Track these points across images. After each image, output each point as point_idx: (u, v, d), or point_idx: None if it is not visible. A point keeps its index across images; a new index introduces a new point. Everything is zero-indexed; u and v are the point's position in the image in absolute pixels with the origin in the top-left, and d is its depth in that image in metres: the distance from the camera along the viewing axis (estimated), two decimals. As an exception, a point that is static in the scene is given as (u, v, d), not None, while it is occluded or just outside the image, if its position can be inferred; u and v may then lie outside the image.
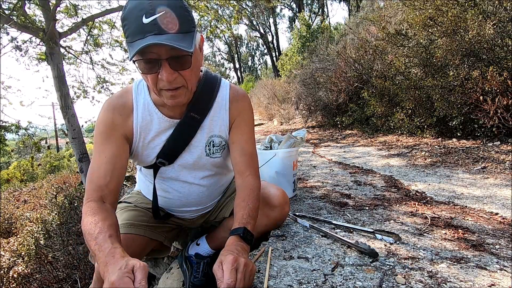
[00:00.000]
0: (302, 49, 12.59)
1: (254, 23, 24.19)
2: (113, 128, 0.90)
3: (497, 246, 1.25)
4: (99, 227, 0.74)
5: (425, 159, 3.08)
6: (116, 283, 0.58)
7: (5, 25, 3.82)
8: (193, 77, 0.82)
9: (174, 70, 0.76)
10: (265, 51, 30.48)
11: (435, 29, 3.70)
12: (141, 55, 0.73)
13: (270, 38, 25.26)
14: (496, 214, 1.62)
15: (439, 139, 3.76)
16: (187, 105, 0.93)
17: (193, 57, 0.78)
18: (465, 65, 3.36)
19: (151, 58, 0.73)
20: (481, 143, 3.23)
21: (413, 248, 1.24)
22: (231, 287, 0.67)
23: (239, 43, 32.65)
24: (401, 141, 4.16)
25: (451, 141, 3.57)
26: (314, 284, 1.00)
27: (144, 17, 0.70)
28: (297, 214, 1.75)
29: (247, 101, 1.03)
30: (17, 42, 4.42)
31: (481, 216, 1.60)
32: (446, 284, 0.97)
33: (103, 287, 0.61)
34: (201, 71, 0.99)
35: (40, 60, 4.87)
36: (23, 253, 2.64)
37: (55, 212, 3.35)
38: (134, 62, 0.75)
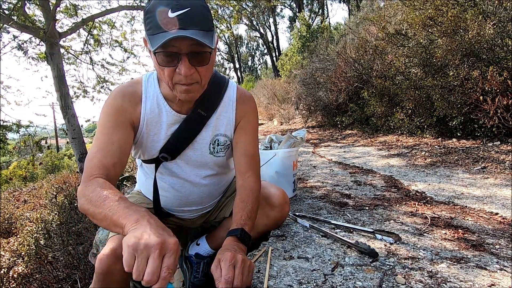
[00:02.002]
0: (302, 49, 12.59)
1: (254, 23, 24.19)
2: (122, 113, 0.89)
3: (497, 246, 1.24)
4: (119, 195, 0.71)
5: (425, 159, 3.08)
6: (170, 240, 0.58)
7: (5, 25, 3.82)
8: (207, 74, 0.84)
9: (192, 66, 0.78)
10: (265, 51, 30.51)
11: (435, 29, 3.70)
12: (162, 48, 0.74)
13: (270, 38, 25.27)
14: (496, 214, 1.62)
15: (439, 139, 3.76)
16: (195, 102, 0.95)
17: (212, 55, 0.80)
18: (465, 65, 3.36)
19: (172, 51, 0.75)
20: (481, 143, 3.23)
21: (413, 248, 1.24)
22: (229, 283, 0.67)
23: (239, 43, 32.66)
24: (401, 141, 4.16)
25: (451, 141, 3.57)
26: (314, 284, 1.00)
27: (170, 11, 0.72)
28: (297, 214, 1.74)
29: (253, 103, 1.05)
30: (19, 41, 4.42)
31: (481, 216, 1.60)
32: (446, 284, 0.97)
33: (137, 234, 0.57)
34: None
35: (40, 60, 4.87)
36: (23, 253, 2.64)
37: (55, 212, 3.35)
38: (155, 53, 0.76)
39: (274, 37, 24.65)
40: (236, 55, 32.70)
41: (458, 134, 3.57)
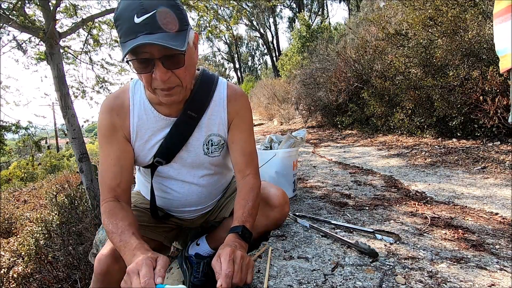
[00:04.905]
0: (302, 49, 12.58)
1: (254, 23, 24.18)
2: (113, 130, 0.90)
3: (497, 246, 1.24)
4: (121, 227, 0.79)
5: (425, 159, 3.08)
6: (139, 262, 0.66)
7: (4, 25, 3.81)
8: (187, 75, 0.81)
9: (168, 69, 0.75)
10: (265, 51, 30.47)
11: (435, 29, 3.71)
12: (134, 55, 0.73)
13: (270, 38, 25.27)
14: (496, 214, 1.62)
15: (439, 139, 3.76)
16: (184, 103, 0.93)
17: (187, 56, 0.77)
18: (465, 65, 3.36)
19: (144, 57, 0.73)
20: (481, 143, 3.23)
21: (413, 248, 1.24)
22: (229, 277, 0.68)
23: (239, 43, 32.65)
24: (401, 141, 4.16)
25: (451, 141, 3.57)
26: (314, 284, 1.00)
27: (135, 16, 0.70)
28: (297, 214, 1.74)
29: (245, 100, 1.02)
30: (18, 41, 4.41)
31: (481, 216, 1.60)
32: (446, 284, 0.97)
33: (127, 268, 0.68)
34: (198, 69, 0.98)
35: (40, 60, 4.86)
36: (23, 253, 2.64)
37: (55, 212, 3.35)
38: (127, 62, 0.76)
39: (274, 37, 24.67)
40: (236, 55, 32.70)
41: (458, 134, 3.57)
